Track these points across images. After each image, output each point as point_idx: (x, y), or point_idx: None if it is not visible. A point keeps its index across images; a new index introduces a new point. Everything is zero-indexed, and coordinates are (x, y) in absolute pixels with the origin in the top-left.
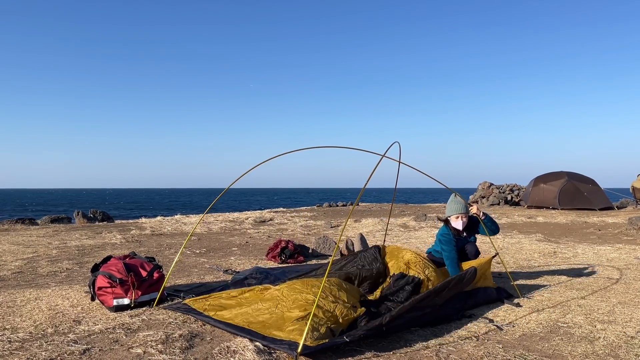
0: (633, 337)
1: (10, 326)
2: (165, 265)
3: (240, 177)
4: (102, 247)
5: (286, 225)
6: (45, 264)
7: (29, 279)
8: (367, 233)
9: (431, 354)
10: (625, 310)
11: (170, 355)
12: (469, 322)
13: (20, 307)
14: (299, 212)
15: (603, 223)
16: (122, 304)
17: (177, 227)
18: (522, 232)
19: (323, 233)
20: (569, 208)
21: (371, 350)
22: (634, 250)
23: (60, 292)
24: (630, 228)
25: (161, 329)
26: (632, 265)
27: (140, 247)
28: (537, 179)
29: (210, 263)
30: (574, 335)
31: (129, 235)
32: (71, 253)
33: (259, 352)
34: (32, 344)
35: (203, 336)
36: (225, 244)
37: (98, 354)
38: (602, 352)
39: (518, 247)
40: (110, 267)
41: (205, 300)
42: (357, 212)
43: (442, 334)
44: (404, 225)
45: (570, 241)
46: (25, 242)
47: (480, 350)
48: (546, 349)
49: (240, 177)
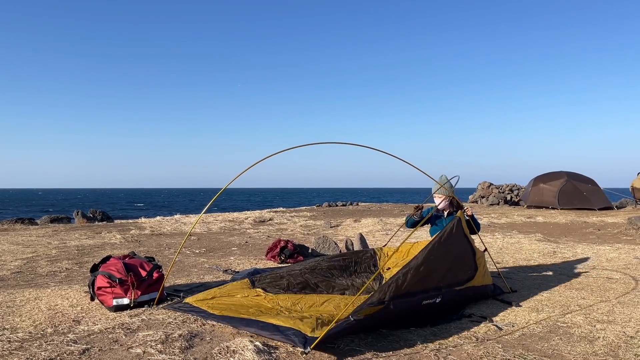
0: (632, 337)
1: (9, 326)
2: (165, 265)
3: (239, 174)
4: (101, 247)
5: (286, 225)
6: (45, 263)
7: (29, 278)
8: (366, 233)
9: (431, 354)
10: (625, 310)
11: (169, 355)
12: (468, 322)
13: (20, 307)
14: (298, 212)
15: (602, 223)
16: (122, 303)
17: (177, 227)
18: (522, 232)
19: (323, 233)
20: (568, 208)
21: (371, 350)
22: (633, 250)
23: (59, 292)
24: (629, 228)
25: (161, 329)
26: (631, 265)
27: (140, 247)
28: (537, 179)
29: (210, 263)
30: (574, 335)
31: (129, 235)
32: (71, 253)
33: (259, 351)
34: (32, 344)
35: (203, 336)
36: (224, 244)
37: (98, 353)
38: (602, 352)
39: (517, 247)
40: (110, 267)
41: (206, 299)
42: (357, 212)
43: (442, 334)
44: (403, 225)
45: (569, 241)
46: (24, 242)
47: (479, 350)
48: (545, 349)
49: (239, 174)
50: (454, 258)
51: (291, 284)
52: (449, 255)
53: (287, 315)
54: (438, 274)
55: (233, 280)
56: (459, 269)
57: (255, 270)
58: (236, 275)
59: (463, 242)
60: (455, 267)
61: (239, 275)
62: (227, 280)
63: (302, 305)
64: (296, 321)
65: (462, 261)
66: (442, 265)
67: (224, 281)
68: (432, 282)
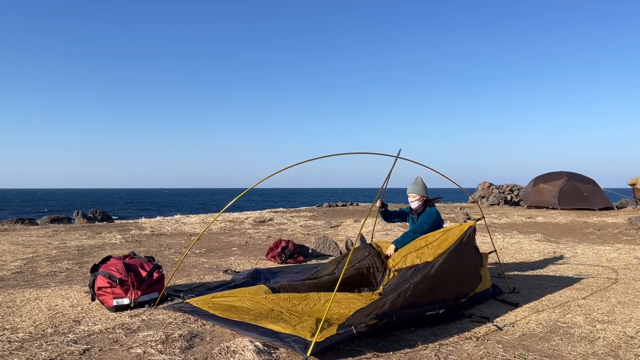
0: (633, 337)
1: (10, 326)
2: (165, 265)
3: (265, 178)
4: (101, 247)
5: (286, 225)
6: (45, 264)
7: (29, 279)
8: (366, 233)
9: (431, 354)
10: (625, 310)
11: (170, 355)
12: (468, 322)
13: (20, 307)
14: (298, 212)
15: (603, 223)
16: (122, 304)
17: (177, 227)
18: (522, 232)
19: (323, 233)
20: (568, 208)
21: (371, 350)
22: (633, 250)
23: (60, 292)
24: (629, 228)
25: (161, 329)
26: (631, 265)
27: (140, 247)
28: (537, 179)
29: (210, 263)
30: (574, 335)
31: (129, 235)
32: (71, 253)
33: (259, 352)
34: (32, 344)
35: (203, 336)
36: (225, 244)
37: (98, 354)
38: (602, 352)
39: (518, 247)
40: (110, 267)
41: (208, 299)
42: (356, 212)
43: (442, 334)
44: (403, 224)
45: (570, 241)
46: (25, 242)
47: (480, 350)
48: (546, 349)
49: (265, 178)
50: (463, 270)
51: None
52: (460, 267)
53: (287, 319)
54: (447, 287)
55: (233, 281)
56: (466, 282)
57: (255, 271)
58: (237, 276)
59: (474, 253)
60: (463, 281)
61: (240, 276)
62: (227, 281)
63: (303, 306)
64: (296, 327)
65: (470, 274)
66: (452, 278)
67: (224, 281)
68: (440, 295)
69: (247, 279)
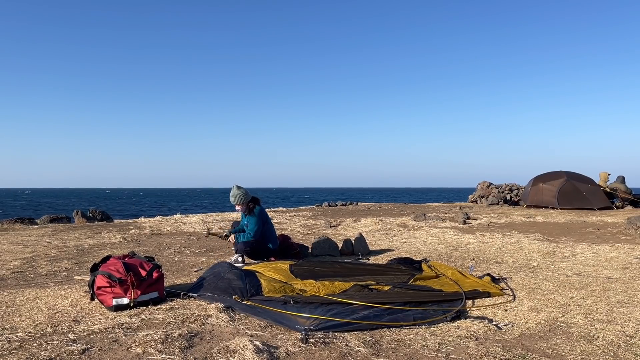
0: (632, 337)
1: (9, 326)
2: (165, 264)
3: None
4: (101, 247)
5: (285, 224)
6: (45, 263)
7: (28, 278)
8: (366, 233)
9: (431, 354)
10: (624, 309)
11: (169, 354)
12: (468, 322)
13: (20, 307)
14: (298, 211)
15: (602, 222)
16: (122, 303)
17: (177, 227)
18: (521, 232)
19: (322, 233)
20: (568, 208)
21: (370, 350)
22: (632, 250)
23: (59, 291)
24: (629, 227)
25: (160, 329)
26: (631, 264)
27: (140, 246)
28: (536, 179)
29: (210, 263)
30: (573, 335)
31: (129, 234)
32: (70, 253)
33: (259, 351)
34: (31, 344)
35: (202, 336)
36: (225, 244)
37: (97, 353)
38: (601, 352)
39: (517, 247)
40: (110, 267)
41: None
42: (356, 211)
43: (442, 334)
44: (403, 224)
45: (569, 241)
46: (24, 241)
47: (479, 350)
48: (545, 349)
49: None
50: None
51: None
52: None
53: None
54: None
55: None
56: None
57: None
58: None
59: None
60: None
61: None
62: None
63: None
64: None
65: None
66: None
67: None
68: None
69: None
